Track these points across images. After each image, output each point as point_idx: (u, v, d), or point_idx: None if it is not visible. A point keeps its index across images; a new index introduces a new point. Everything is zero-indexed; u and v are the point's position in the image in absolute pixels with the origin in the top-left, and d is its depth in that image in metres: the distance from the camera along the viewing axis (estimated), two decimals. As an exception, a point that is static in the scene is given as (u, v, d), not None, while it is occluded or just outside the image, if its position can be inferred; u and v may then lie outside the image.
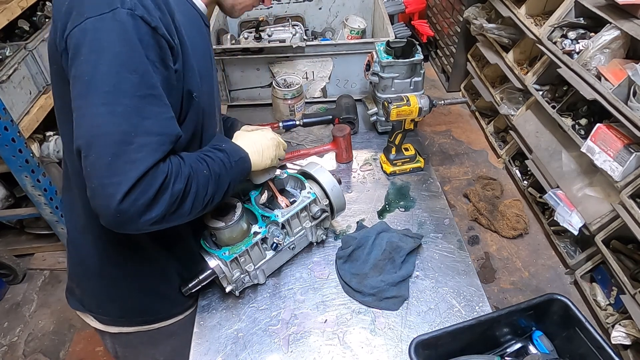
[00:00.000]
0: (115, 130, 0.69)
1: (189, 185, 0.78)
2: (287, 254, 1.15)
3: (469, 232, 2.72)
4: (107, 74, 0.69)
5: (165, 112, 0.75)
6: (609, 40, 2.03)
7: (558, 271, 2.46)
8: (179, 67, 0.79)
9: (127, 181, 0.68)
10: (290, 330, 1.02)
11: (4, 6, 1.91)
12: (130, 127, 0.70)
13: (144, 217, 0.72)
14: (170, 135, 0.75)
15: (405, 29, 3.61)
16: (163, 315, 1.09)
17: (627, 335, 1.94)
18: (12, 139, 1.85)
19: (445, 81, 3.90)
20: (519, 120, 2.81)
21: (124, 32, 0.69)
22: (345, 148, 1.48)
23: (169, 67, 0.76)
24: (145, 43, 0.71)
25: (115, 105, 0.69)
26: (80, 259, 1.01)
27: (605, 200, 2.10)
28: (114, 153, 0.68)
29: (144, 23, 0.71)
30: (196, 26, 0.89)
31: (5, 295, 2.37)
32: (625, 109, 1.87)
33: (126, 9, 0.69)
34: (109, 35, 0.69)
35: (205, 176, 0.82)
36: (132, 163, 0.69)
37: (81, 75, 0.70)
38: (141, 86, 0.71)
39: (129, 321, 1.07)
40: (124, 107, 0.69)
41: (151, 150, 0.71)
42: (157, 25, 0.72)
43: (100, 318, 1.06)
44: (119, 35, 0.69)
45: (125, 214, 0.70)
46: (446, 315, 1.05)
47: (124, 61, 0.70)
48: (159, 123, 0.73)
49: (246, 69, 1.70)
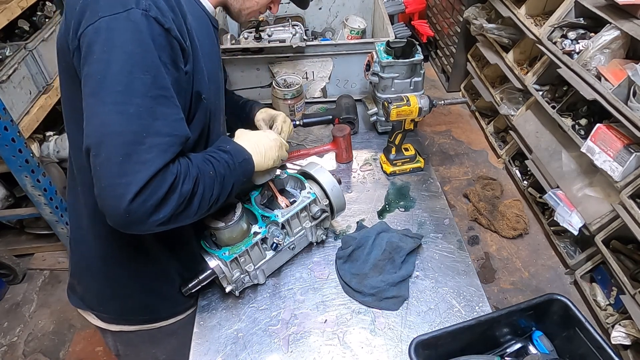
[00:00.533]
0: (126, 130, 0.69)
1: (196, 186, 0.78)
2: (287, 254, 1.15)
3: (469, 232, 2.72)
4: (119, 74, 0.69)
5: (175, 114, 0.75)
6: (609, 41, 2.03)
7: (558, 271, 2.46)
8: (189, 68, 0.80)
9: (137, 182, 0.68)
10: (290, 330, 1.02)
11: (4, 6, 1.91)
12: (142, 127, 0.70)
13: (152, 217, 0.72)
14: (180, 137, 0.76)
15: (405, 29, 3.60)
16: (164, 315, 1.09)
17: (627, 335, 1.94)
18: (12, 139, 1.85)
19: (445, 81, 3.90)
20: (519, 121, 2.81)
21: (138, 33, 0.70)
22: (345, 148, 1.48)
23: (179, 68, 0.77)
24: (158, 44, 0.72)
25: (126, 105, 0.69)
26: (83, 256, 1.01)
27: (605, 201, 2.10)
28: (125, 153, 0.69)
29: (157, 24, 0.71)
30: (205, 28, 0.91)
31: (5, 295, 2.37)
32: (625, 109, 1.87)
33: (140, 9, 0.70)
34: (122, 34, 0.69)
35: (211, 177, 0.82)
36: (142, 164, 0.69)
37: (93, 74, 0.70)
38: (153, 87, 0.71)
39: (130, 320, 1.07)
40: (136, 107, 0.70)
41: (161, 151, 0.72)
42: (170, 26, 0.73)
43: (102, 316, 1.07)
44: (133, 35, 0.70)
45: (135, 214, 0.70)
46: (446, 315, 1.05)
47: (137, 61, 0.70)
48: (170, 124, 0.74)
49: (246, 69, 1.70)
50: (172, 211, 0.74)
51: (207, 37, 0.91)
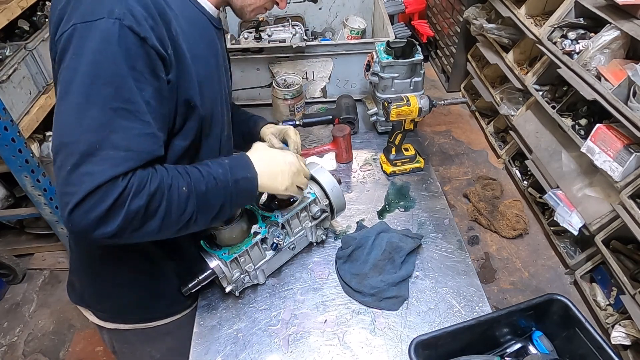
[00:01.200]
0: (80, 140, 0.68)
1: (153, 203, 0.73)
2: (287, 254, 1.15)
3: (469, 232, 2.72)
4: (82, 84, 0.69)
5: (139, 128, 0.72)
6: (609, 41, 2.03)
7: (558, 271, 2.46)
8: (172, 77, 0.78)
9: (80, 192, 0.67)
10: (290, 330, 1.02)
11: (4, 6, 1.91)
12: (96, 139, 0.69)
13: (97, 231, 0.70)
14: (141, 153, 0.73)
15: (405, 29, 3.60)
16: (160, 314, 1.09)
17: (627, 335, 1.94)
18: (12, 139, 1.85)
19: (445, 81, 3.90)
20: (519, 121, 2.81)
21: (106, 42, 0.68)
22: (345, 148, 1.48)
23: (160, 77, 0.75)
24: (132, 53, 0.70)
25: (85, 115, 0.69)
26: (81, 254, 1.02)
27: (605, 201, 2.10)
28: (75, 163, 0.68)
29: (132, 33, 0.70)
30: (200, 30, 0.87)
31: (5, 295, 2.37)
32: (625, 109, 1.87)
33: (114, 18, 0.68)
34: (90, 43, 0.68)
35: (182, 194, 0.77)
36: (89, 175, 0.68)
37: (61, 81, 0.70)
38: (115, 99, 0.70)
39: (126, 318, 1.08)
40: (93, 119, 0.69)
41: (112, 164, 0.69)
42: (146, 35, 0.71)
43: (98, 314, 1.07)
44: (100, 45, 0.68)
45: (77, 225, 0.69)
46: (446, 315, 1.05)
47: (100, 72, 0.69)
48: (129, 138, 0.71)
49: (246, 69, 1.70)
50: (120, 226, 0.71)
51: (202, 40, 0.87)
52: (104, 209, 0.69)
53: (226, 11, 2.00)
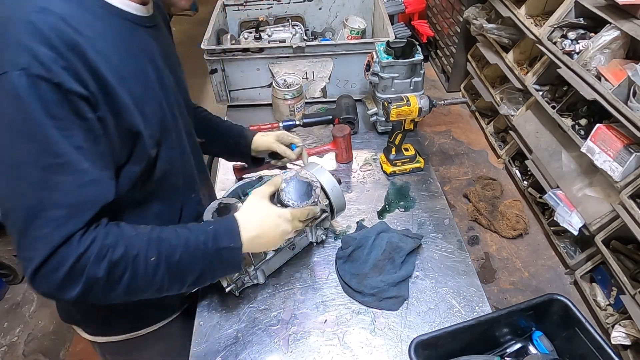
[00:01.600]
0: (19, 206, 0.65)
1: (115, 271, 0.70)
2: (287, 254, 1.15)
3: (469, 232, 2.72)
4: (3, 146, 0.64)
5: (76, 180, 0.67)
6: (608, 41, 2.03)
7: (558, 271, 2.46)
8: (102, 114, 0.70)
9: (36, 258, 0.65)
10: (290, 330, 1.02)
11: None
12: (35, 201, 0.65)
13: (61, 294, 0.68)
14: (86, 205, 0.68)
15: (405, 29, 3.61)
16: (148, 321, 1.06)
17: (627, 335, 1.94)
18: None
19: (445, 81, 3.91)
20: (519, 121, 2.81)
21: (16, 98, 0.62)
22: (345, 148, 1.48)
23: (87, 118, 0.68)
24: (49, 102, 0.63)
25: (17, 179, 0.65)
26: None
27: (605, 201, 2.10)
28: (21, 229, 0.65)
29: (43, 81, 0.62)
30: (125, 42, 0.76)
31: (5, 295, 2.37)
32: (625, 109, 1.87)
33: (18, 70, 0.61)
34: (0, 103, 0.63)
35: (150, 264, 0.74)
36: (39, 239, 0.65)
37: None
38: (42, 155, 0.64)
39: (113, 330, 1.05)
40: (26, 181, 0.65)
41: (58, 225, 0.66)
42: (60, 80, 0.63)
43: (87, 329, 1.05)
44: (11, 103, 0.62)
45: (39, 289, 0.67)
46: (446, 315, 1.05)
47: (19, 131, 0.63)
48: (69, 193, 0.67)
49: (246, 69, 1.70)
50: (82, 292, 0.68)
51: (129, 52, 0.76)
52: (62, 275, 0.66)
53: (226, 11, 2.00)
